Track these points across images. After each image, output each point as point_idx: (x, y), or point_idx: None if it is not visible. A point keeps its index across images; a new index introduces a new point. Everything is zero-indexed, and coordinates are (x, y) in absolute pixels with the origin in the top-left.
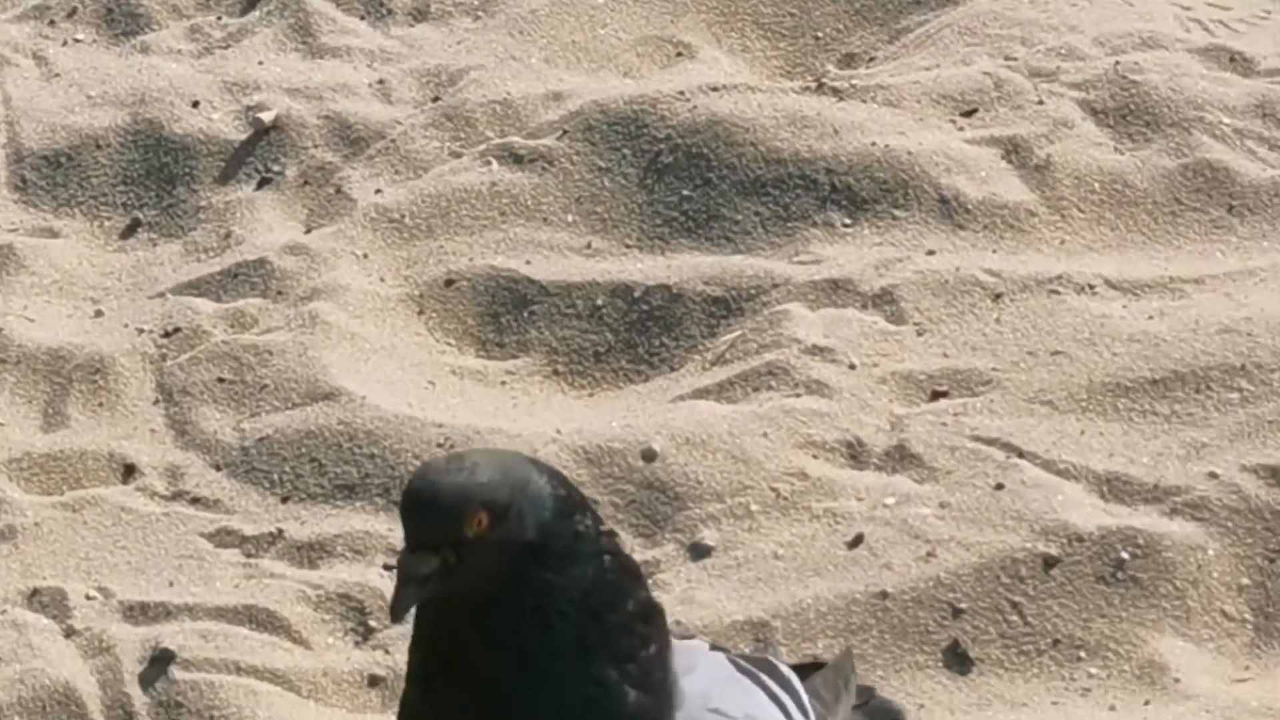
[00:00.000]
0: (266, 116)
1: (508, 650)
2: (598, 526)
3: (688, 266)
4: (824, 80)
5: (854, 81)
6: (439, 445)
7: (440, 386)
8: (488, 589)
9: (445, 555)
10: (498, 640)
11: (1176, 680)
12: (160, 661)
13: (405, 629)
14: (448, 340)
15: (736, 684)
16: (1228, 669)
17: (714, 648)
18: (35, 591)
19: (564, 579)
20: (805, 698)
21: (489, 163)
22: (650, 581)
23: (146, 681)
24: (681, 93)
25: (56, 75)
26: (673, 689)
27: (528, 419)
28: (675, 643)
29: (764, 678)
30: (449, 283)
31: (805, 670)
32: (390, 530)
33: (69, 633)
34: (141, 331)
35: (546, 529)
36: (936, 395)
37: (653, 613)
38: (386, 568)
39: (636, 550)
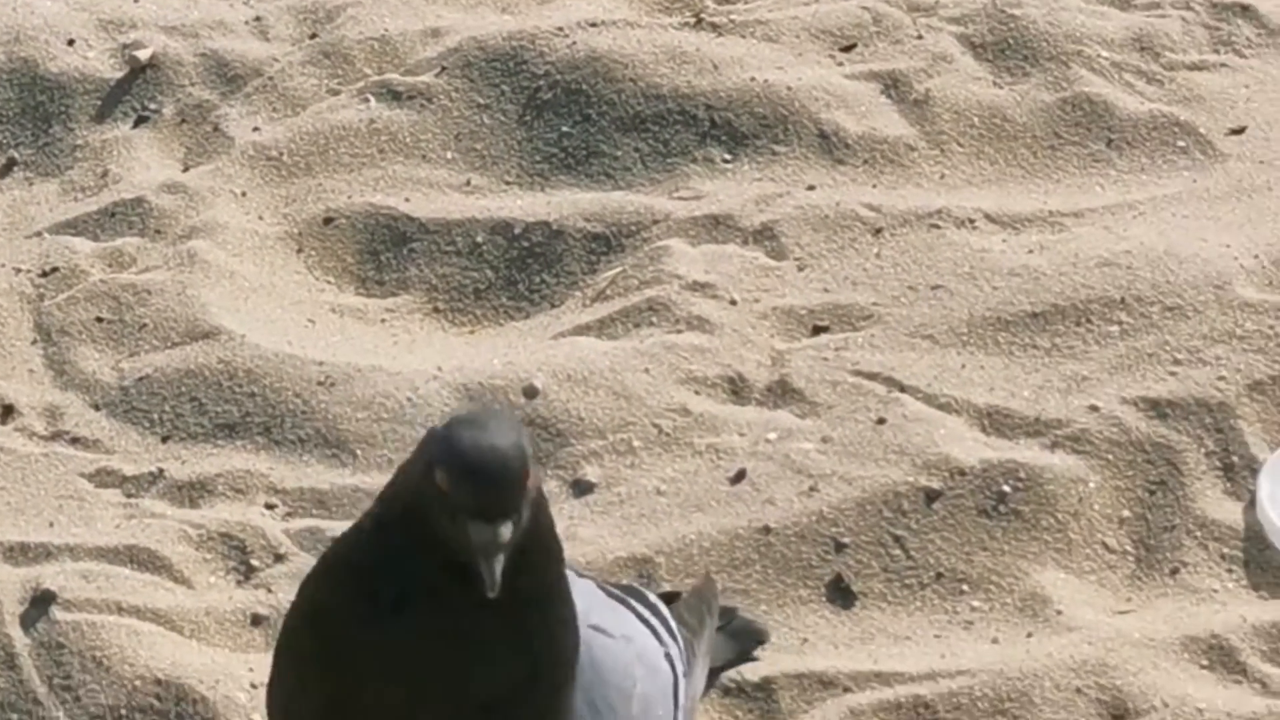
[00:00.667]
0: (142, 54)
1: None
2: None
3: (568, 203)
4: (703, 15)
5: (732, 17)
6: (319, 383)
7: (320, 324)
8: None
9: (515, 519)
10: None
11: (1059, 612)
12: (41, 602)
13: (286, 566)
14: (327, 278)
15: (610, 607)
16: (1109, 601)
17: (580, 575)
18: None
19: (541, 524)
20: (672, 623)
21: (367, 100)
22: None
23: (27, 623)
24: (560, 29)
25: None
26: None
27: (408, 356)
28: None
29: (633, 602)
30: (328, 220)
31: (668, 599)
32: (271, 469)
33: None
34: (19, 271)
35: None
36: (817, 330)
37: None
38: (268, 506)
39: None
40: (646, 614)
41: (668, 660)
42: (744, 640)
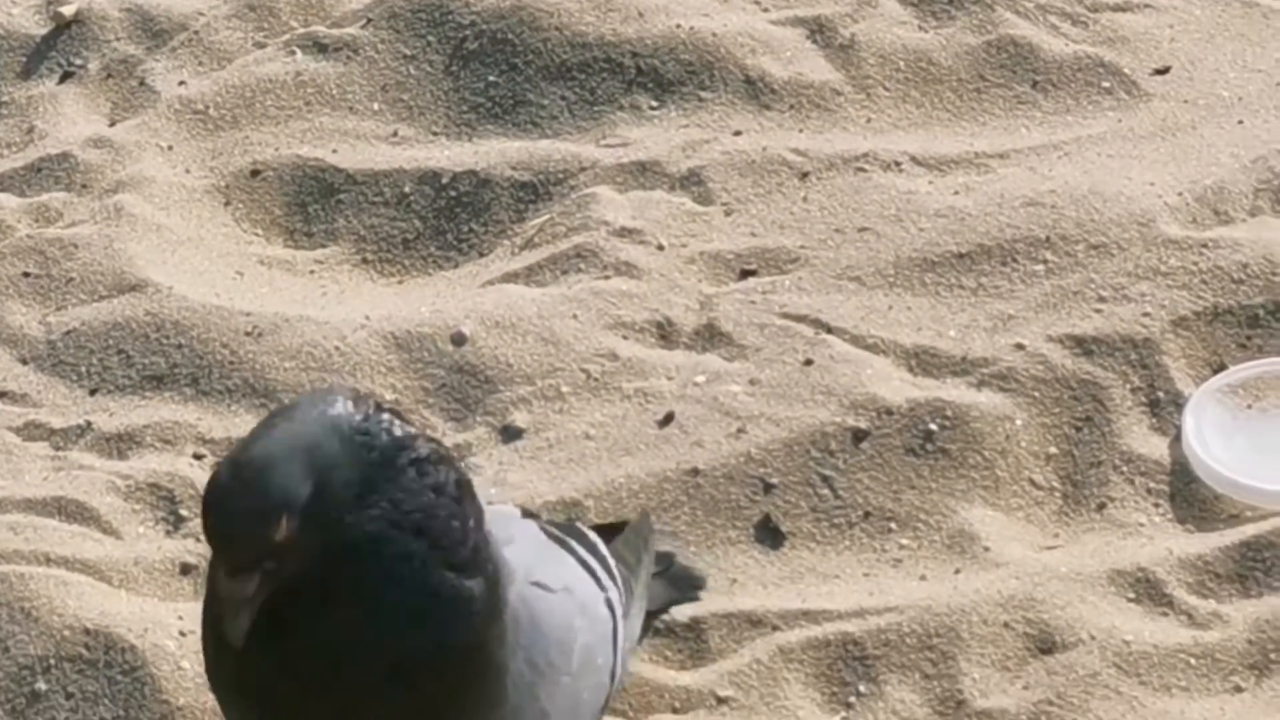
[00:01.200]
0: (67, 10)
1: (347, 595)
2: (394, 426)
3: (495, 152)
4: None
5: None
6: (247, 334)
7: (248, 276)
8: (318, 560)
9: (265, 566)
10: (336, 589)
11: (986, 549)
12: None
13: None
14: (255, 231)
15: (551, 554)
16: (1036, 537)
17: (525, 514)
18: None
19: (387, 509)
20: (611, 563)
21: (293, 52)
22: (463, 464)
23: None
24: None
25: None
26: (500, 562)
27: (336, 307)
28: (490, 509)
29: (573, 544)
30: (255, 173)
31: (606, 532)
32: (199, 419)
33: None
34: None
35: (356, 480)
36: (745, 274)
37: (465, 489)
38: (196, 456)
39: (447, 435)
40: (586, 556)
41: (607, 605)
42: (682, 586)
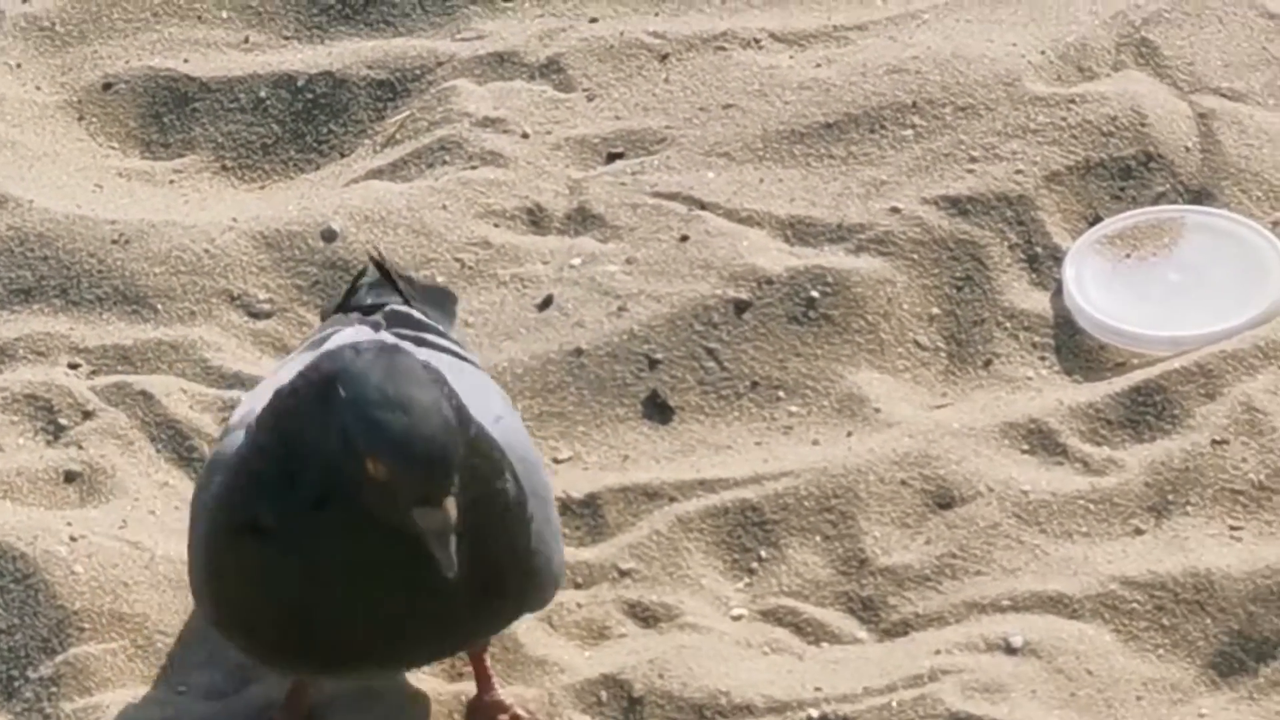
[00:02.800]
0: None
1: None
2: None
3: (349, 52)
4: None
5: None
6: (113, 241)
7: (108, 189)
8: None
9: (454, 489)
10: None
11: (877, 411)
12: None
13: (96, 423)
14: (111, 144)
15: (459, 374)
16: (925, 397)
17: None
18: None
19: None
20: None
21: None
22: None
23: None
24: None
25: None
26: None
27: (200, 213)
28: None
29: (431, 339)
30: (107, 86)
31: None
32: (71, 329)
33: None
34: None
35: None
36: (612, 157)
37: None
38: (72, 366)
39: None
40: (445, 344)
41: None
42: (443, 303)
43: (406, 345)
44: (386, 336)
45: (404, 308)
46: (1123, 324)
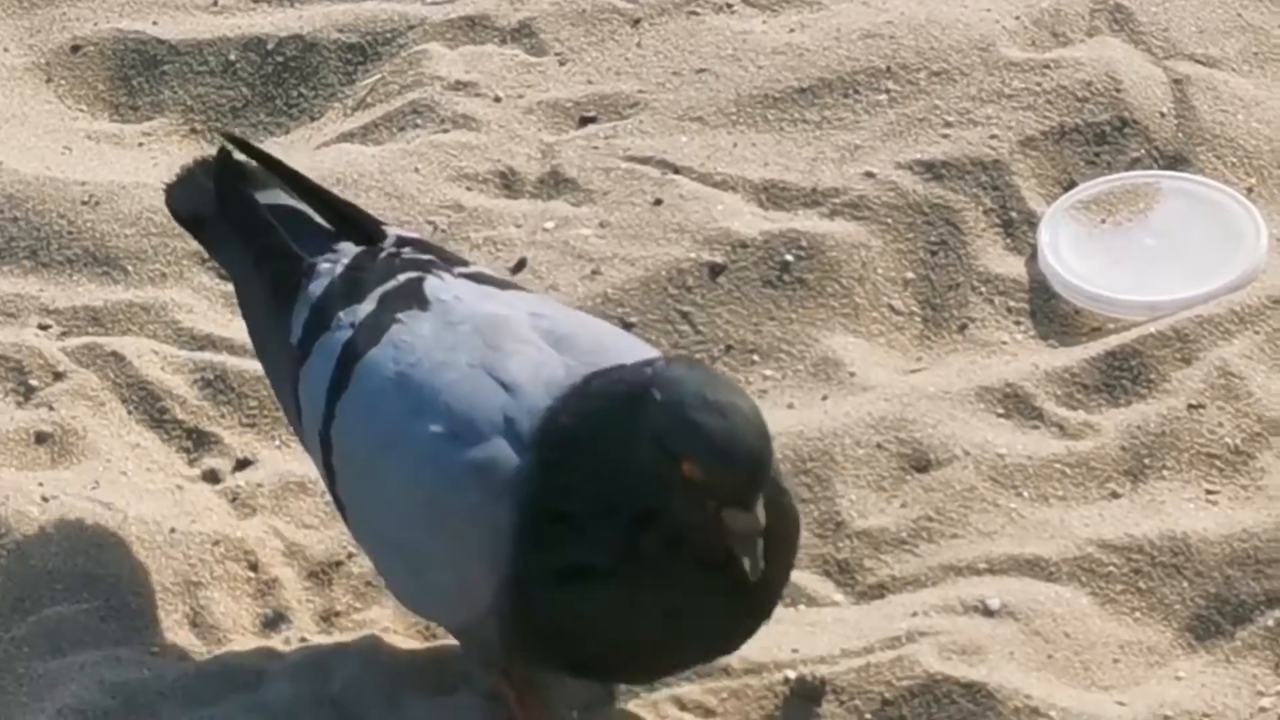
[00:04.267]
0: None
1: None
2: None
3: (320, 15)
4: None
5: None
6: (84, 203)
7: (77, 151)
8: None
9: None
10: None
11: (852, 375)
12: None
13: (67, 384)
14: (80, 106)
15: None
16: (900, 361)
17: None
18: None
19: None
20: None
21: None
22: None
23: None
24: None
25: None
26: None
27: (170, 175)
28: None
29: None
30: (75, 49)
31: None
32: (41, 290)
33: None
34: None
35: None
36: (585, 121)
37: None
38: (42, 327)
39: None
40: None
41: None
42: None
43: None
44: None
45: (401, 231)
46: (1098, 289)
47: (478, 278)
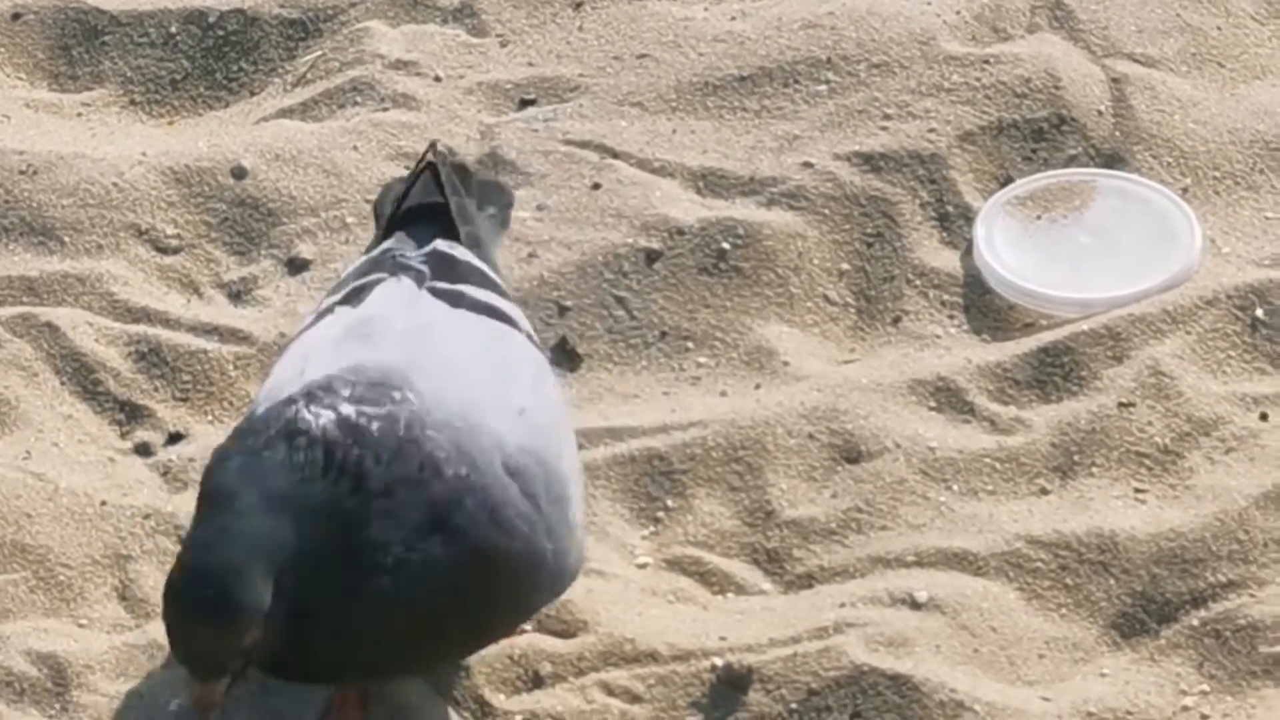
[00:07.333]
0: None
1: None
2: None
3: None
4: None
5: None
6: (21, 172)
7: (15, 120)
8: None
9: (233, 669)
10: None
11: (785, 364)
12: None
13: (1, 353)
14: (18, 75)
15: (483, 352)
16: (834, 351)
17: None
18: None
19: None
20: (494, 277)
21: None
22: (250, 296)
23: None
24: None
25: None
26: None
27: (109, 146)
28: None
29: (502, 309)
30: (15, 16)
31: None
32: None
33: None
34: None
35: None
36: (525, 104)
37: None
38: None
39: (232, 269)
40: (504, 308)
41: (530, 343)
42: (498, 202)
43: (439, 309)
44: (424, 296)
45: (449, 248)
46: (1032, 284)
47: (453, 296)
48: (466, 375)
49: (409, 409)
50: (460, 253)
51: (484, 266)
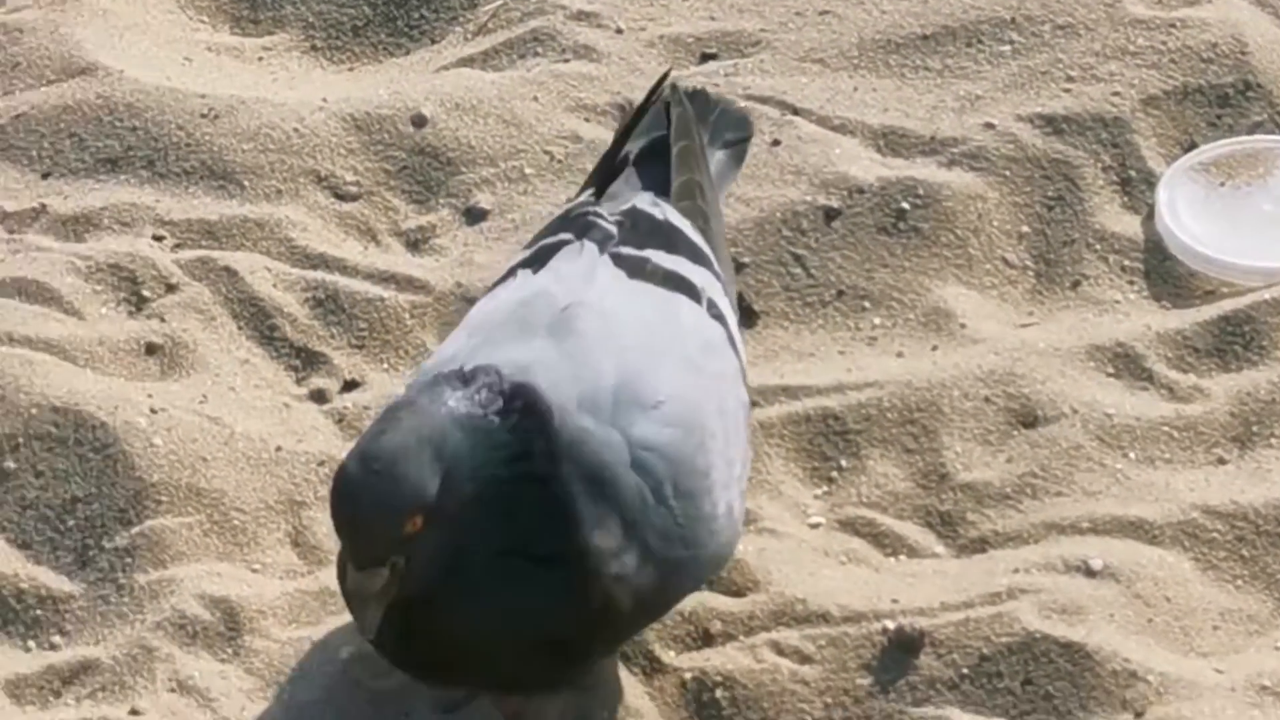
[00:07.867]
0: None
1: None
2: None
3: None
4: None
5: None
6: (203, 115)
7: (197, 62)
8: (453, 549)
9: (393, 562)
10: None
11: (963, 326)
12: None
13: (178, 296)
14: (201, 18)
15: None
16: (1012, 315)
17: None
18: None
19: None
20: (698, 245)
21: None
22: (427, 245)
23: None
24: None
25: None
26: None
27: (289, 91)
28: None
29: (657, 263)
30: None
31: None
32: (157, 201)
33: None
34: None
35: (485, 463)
36: (706, 57)
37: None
38: (156, 238)
39: (410, 217)
40: (689, 275)
41: (713, 314)
42: (733, 141)
43: (612, 283)
44: (603, 265)
45: (650, 206)
46: (1214, 252)
47: (635, 264)
48: (611, 362)
49: (526, 424)
50: (660, 212)
51: (684, 225)
